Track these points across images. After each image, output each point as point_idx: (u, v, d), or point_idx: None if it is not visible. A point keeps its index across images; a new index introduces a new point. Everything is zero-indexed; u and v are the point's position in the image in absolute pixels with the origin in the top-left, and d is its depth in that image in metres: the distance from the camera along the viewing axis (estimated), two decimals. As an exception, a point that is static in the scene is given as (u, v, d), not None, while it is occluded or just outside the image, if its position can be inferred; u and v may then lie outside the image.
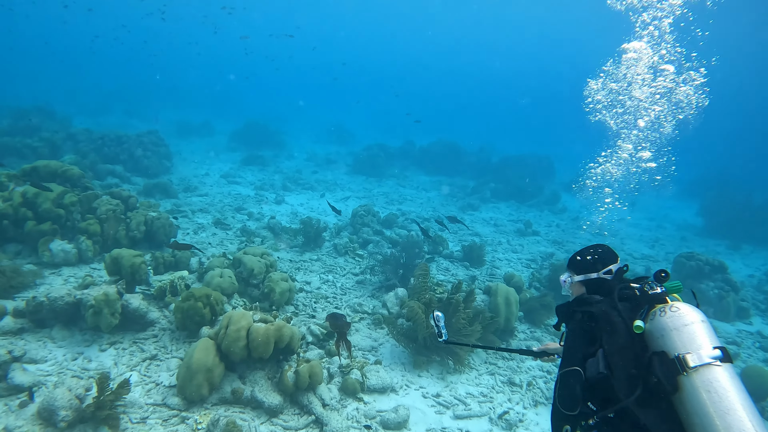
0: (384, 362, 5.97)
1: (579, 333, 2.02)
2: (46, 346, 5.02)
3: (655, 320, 1.81)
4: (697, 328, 1.73)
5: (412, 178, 19.59)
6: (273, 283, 6.50)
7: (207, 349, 4.64)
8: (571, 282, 2.38)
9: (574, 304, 2.20)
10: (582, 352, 1.94)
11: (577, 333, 2.03)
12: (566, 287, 2.44)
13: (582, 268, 2.33)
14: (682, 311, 1.79)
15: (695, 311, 1.80)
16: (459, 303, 5.99)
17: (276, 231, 9.92)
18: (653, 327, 1.80)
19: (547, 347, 2.91)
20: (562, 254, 11.92)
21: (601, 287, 2.21)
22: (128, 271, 5.64)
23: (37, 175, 7.06)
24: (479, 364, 6.37)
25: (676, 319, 1.76)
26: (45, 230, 6.46)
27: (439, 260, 9.87)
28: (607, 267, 2.26)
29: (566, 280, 2.42)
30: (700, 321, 1.76)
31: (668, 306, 1.83)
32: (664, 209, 21.01)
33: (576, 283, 2.35)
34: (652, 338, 1.80)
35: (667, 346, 1.73)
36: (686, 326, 1.73)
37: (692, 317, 1.77)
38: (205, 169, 15.86)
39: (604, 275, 2.25)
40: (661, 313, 1.81)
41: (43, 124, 14.40)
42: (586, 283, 2.29)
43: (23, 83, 26.72)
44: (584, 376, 1.87)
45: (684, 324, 1.74)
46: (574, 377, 1.89)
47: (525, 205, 17.31)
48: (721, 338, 8.04)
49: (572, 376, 1.90)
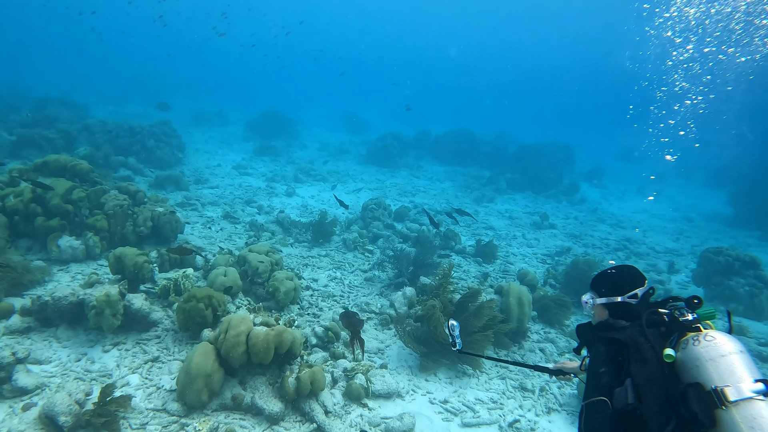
0: (390, 365, 5.82)
1: (605, 360, 1.90)
2: (51, 346, 5.02)
3: (687, 349, 1.71)
4: (735, 359, 1.63)
5: (426, 169, 19.22)
6: (278, 282, 6.37)
7: (206, 354, 4.55)
8: (593, 304, 2.24)
9: (599, 329, 2.08)
10: (609, 381, 1.83)
11: (603, 360, 1.91)
12: (587, 309, 2.29)
13: (605, 290, 2.19)
14: (718, 341, 1.68)
15: (733, 341, 1.69)
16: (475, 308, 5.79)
17: (285, 225, 9.81)
18: (686, 356, 1.70)
19: (564, 366, 2.76)
20: (579, 248, 11.51)
21: (627, 312, 2.08)
22: (131, 270, 5.59)
23: (48, 169, 7.07)
24: (489, 367, 6.16)
25: (712, 349, 1.66)
26: (54, 226, 6.47)
27: (451, 256, 9.61)
28: (633, 291, 2.12)
29: (588, 302, 2.27)
30: (738, 351, 1.65)
31: (702, 335, 1.73)
32: (691, 198, 20.17)
33: (598, 306, 2.21)
34: (684, 368, 1.70)
35: (702, 377, 1.63)
36: (723, 357, 1.63)
37: (729, 347, 1.66)
38: (218, 159, 15.84)
39: (629, 299, 2.11)
40: (694, 342, 1.71)
41: (60, 115, 14.56)
42: (610, 306, 2.16)
43: (45, 73, 27.18)
44: (611, 406, 1.76)
45: (721, 354, 1.64)
46: (601, 408, 1.77)
47: (542, 195, 16.79)
48: (755, 339, 7.64)
49: (599, 407, 1.78)
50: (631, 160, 29.20)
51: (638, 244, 12.35)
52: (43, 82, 23.48)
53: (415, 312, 6.39)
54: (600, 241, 12.32)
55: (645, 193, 19.88)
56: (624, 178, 23.19)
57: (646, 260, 11.20)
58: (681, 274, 10.52)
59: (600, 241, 12.37)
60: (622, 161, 29.00)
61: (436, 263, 8.29)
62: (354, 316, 4.86)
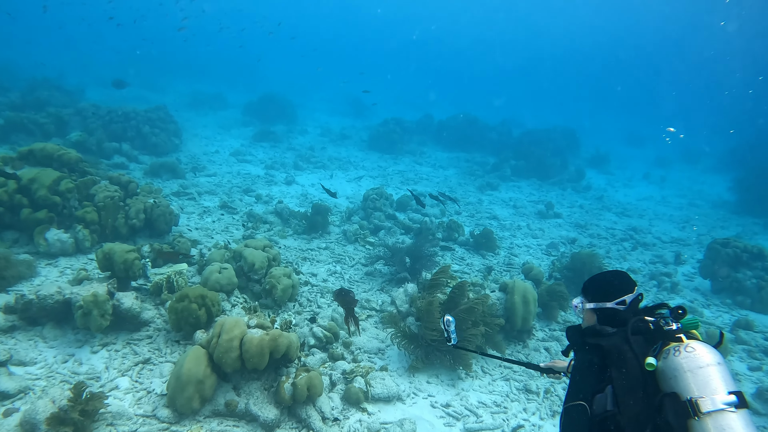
0: (391, 366, 5.62)
1: (588, 366, 1.95)
2: (36, 346, 4.82)
3: (668, 359, 1.75)
4: (712, 371, 1.66)
5: (430, 155, 18.80)
6: (275, 279, 6.14)
7: (198, 359, 4.34)
8: (583, 308, 2.26)
9: (586, 334, 2.12)
10: (590, 387, 1.88)
11: (586, 366, 1.97)
12: (578, 312, 2.32)
13: (595, 295, 2.21)
14: (697, 352, 1.72)
15: (712, 352, 1.72)
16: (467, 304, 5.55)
17: (284, 216, 9.54)
18: (666, 366, 1.74)
19: (555, 365, 2.81)
20: (585, 239, 11.23)
21: (614, 318, 2.11)
22: (121, 268, 5.35)
23: (34, 158, 6.77)
24: (493, 368, 5.97)
25: (691, 360, 1.70)
26: (41, 218, 6.21)
27: (454, 248, 9.35)
28: (621, 297, 2.14)
29: (578, 305, 2.30)
30: (716, 363, 1.68)
31: (683, 345, 1.76)
32: (697, 184, 19.76)
33: (588, 310, 2.24)
34: (664, 378, 1.74)
35: (679, 387, 1.68)
36: (701, 368, 1.67)
37: (708, 359, 1.69)
38: (216, 146, 15.47)
39: (617, 305, 2.13)
40: (675, 352, 1.75)
41: (52, 98, 14.11)
42: (598, 311, 2.19)
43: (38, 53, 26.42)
44: (590, 412, 1.80)
45: (699, 366, 1.67)
46: (580, 413, 1.81)
47: (547, 183, 16.43)
48: (762, 333, 7.43)
49: (578, 411, 1.82)
50: (637, 144, 28.65)
51: (644, 234, 12.06)
52: (35, 62, 22.83)
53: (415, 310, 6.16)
54: (606, 231, 12.04)
55: (651, 179, 19.46)
56: (629, 163, 22.73)
57: (653, 251, 10.94)
58: (687, 266, 10.27)
59: (606, 230, 12.08)
60: (628, 145, 28.43)
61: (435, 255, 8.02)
62: (349, 293, 4.74)
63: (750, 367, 6.61)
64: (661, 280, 9.04)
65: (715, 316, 8.11)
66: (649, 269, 9.77)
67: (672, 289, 8.86)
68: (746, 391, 5.98)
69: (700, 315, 8.02)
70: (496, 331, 5.96)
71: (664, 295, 8.71)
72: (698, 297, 8.80)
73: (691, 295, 8.83)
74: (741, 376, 6.36)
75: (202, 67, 30.42)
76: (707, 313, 8.15)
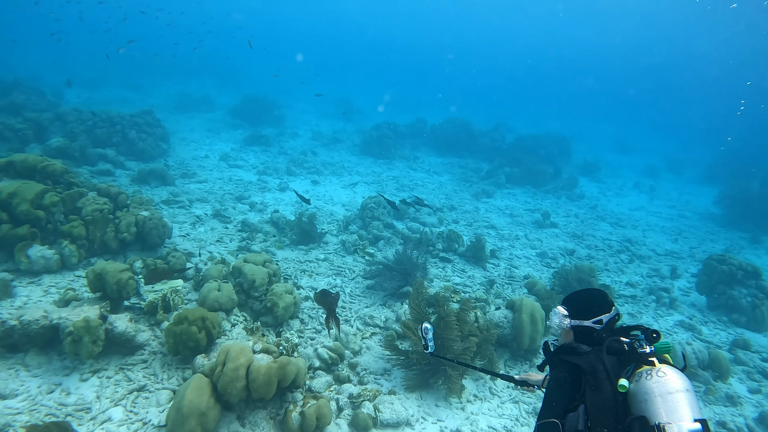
0: (398, 388, 5.40)
1: (562, 384, 1.98)
2: (18, 376, 4.45)
3: (640, 382, 1.79)
4: (680, 398, 1.70)
5: (423, 160, 18.66)
6: (276, 296, 5.86)
7: (201, 389, 4.04)
8: (561, 324, 2.29)
9: (562, 352, 2.14)
10: (563, 405, 1.91)
11: (560, 383, 1.99)
12: (556, 327, 2.34)
13: (573, 312, 2.25)
14: (668, 378, 1.76)
15: (682, 379, 1.77)
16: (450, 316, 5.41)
17: (280, 226, 9.23)
18: (638, 389, 1.78)
19: (529, 377, 2.81)
20: (583, 250, 11.21)
21: (590, 337, 2.16)
22: (113, 289, 5.01)
23: (14, 170, 6.33)
24: (501, 389, 5.80)
25: (662, 385, 1.74)
26: (22, 234, 5.80)
27: (453, 260, 9.18)
28: (599, 317, 2.17)
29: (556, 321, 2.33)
30: (685, 390, 1.73)
31: (655, 369, 1.80)
32: (685, 195, 20.07)
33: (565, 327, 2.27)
34: (635, 400, 1.78)
35: (649, 411, 1.72)
36: (671, 394, 1.71)
37: (677, 385, 1.74)
38: (205, 150, 15.03)
39: (594, 324, 2.17)
40: (647, 375, 1.79)
41: (28, 102, 13.41)
42: (575, 329, 2.22)
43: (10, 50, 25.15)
44: (563, 430, 1.84)
45: (668, 392, 1.71)
46: (552, 430, 1.85)
47: (541, 190, 16.44)
48: (758, 354, 7.46)
49: (550, 429, 1.86)
50: (625, 151, 29.08)
51: (639, 246, 12.11)
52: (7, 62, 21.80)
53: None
54: (602, 242, 12.05)
55: (641, 188, 19.70)
56: (619, 171, 23.00)
57: (649, 264, 10.97)
58: (682, 279, 10.32)
59: (602, 241, 12.09)
60: (617, 152, 28.82)
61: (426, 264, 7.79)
62: (329, 294, 4.65)
63: (750, 389, 6.58)
64: (660, 296, 9.04)
65: (712, 334, 8.12)
66: (647, 283, 9.78)
67: (670, 305, 8.86)
68: (748, 416, 5.96)
69: (699, 332, 8.02)
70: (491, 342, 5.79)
71: (663, 311, 8.70)
72: (696, 313, 8.81)
73: (688, 311, 8.84)
74: (742, 398, 6.30)
75: (187, 68, 29.63)
76: (705, 331, 8.15)
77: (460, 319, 5.67)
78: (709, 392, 6.21)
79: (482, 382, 5.82)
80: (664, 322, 8.29)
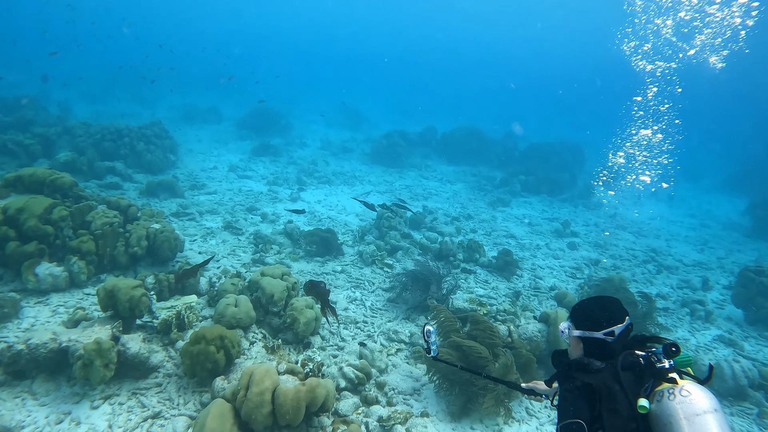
0: (430, 410, 5.00)
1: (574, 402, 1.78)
2: (25, 406, 4.10)
3: (662, 402, 1.64)
4: (709, 419, 1.55)
5: (435, 168, 18.36)
6: (296, 312, 5.50)
7: (223, 416, 3.68)
8: (570, 334, 2.10)
9: (572, 369, 1.93)
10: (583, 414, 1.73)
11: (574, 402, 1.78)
12: (564, 337, 2.14)
13: (583, 323, 2.04)
14: (693, 397, 1.61)
15: (708, 398, 1.61)
16: None
17: (294, 237, 8.91)
18: (660, 410, 1.63)
19: (536, 386, 2.66)
20: (608, 261, 10.77)
21: (602, 350, 1.95)
22: (126, 307, 4.67)
23: (22, 185, 6.08)
24: (539, 409, 5.38)
25: (687, 406, 1.59)
26: (30, 251, 5.50)
27: (476, 271, 8.80)
28: (611, 328, 1.96)
29: (564, 331, 2.13)
30: (713, 410, 1.57)
31: (678, 388, 1.65)
32: (704, 203, 19.58)
33: (574, 338, 2.08)
34: (657, 423, 1.63)
35: None
36: (698, 416, 1.56)
37: (705, 405, 1.58)
38: (213, 161, 14.81)
39: (605, 336, 1.96)
40: (669, 395, 1.64)
41: (37, 118, 13.27)
42: (585, 341, 2.02)
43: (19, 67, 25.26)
44: None
45: (695, 413, 1.57)
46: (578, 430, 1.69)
47: (557, 199, 16.05)
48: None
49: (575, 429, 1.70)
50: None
51: (665, 256, 11.65)
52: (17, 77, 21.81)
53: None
54: (626, 252, 11.60)
55: (659, 197, 19.21)
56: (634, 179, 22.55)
57: (678, 275, 10.51)
58: (714, 291, 9.84)
59: (626, 251, 11.64)
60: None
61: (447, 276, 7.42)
62: (319, 285, 4.69)
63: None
64: (694, 308, 8.57)
65: (755, 350, 7.63)
66: (678, 295, 9.32)
67: (706, 318, 8.38)
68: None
69: (741, 348, 7.53)
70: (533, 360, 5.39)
71: (699, 325, 8.24)
72: (734, 328, 8.32)
73: (726, 325, 8.35)
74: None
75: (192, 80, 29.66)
76: (747, 347, 7.66)
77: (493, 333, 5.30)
78: (764, 415, 5.73)
79: (518, 402, 5.41)
80: (701, 337, 7.82)
